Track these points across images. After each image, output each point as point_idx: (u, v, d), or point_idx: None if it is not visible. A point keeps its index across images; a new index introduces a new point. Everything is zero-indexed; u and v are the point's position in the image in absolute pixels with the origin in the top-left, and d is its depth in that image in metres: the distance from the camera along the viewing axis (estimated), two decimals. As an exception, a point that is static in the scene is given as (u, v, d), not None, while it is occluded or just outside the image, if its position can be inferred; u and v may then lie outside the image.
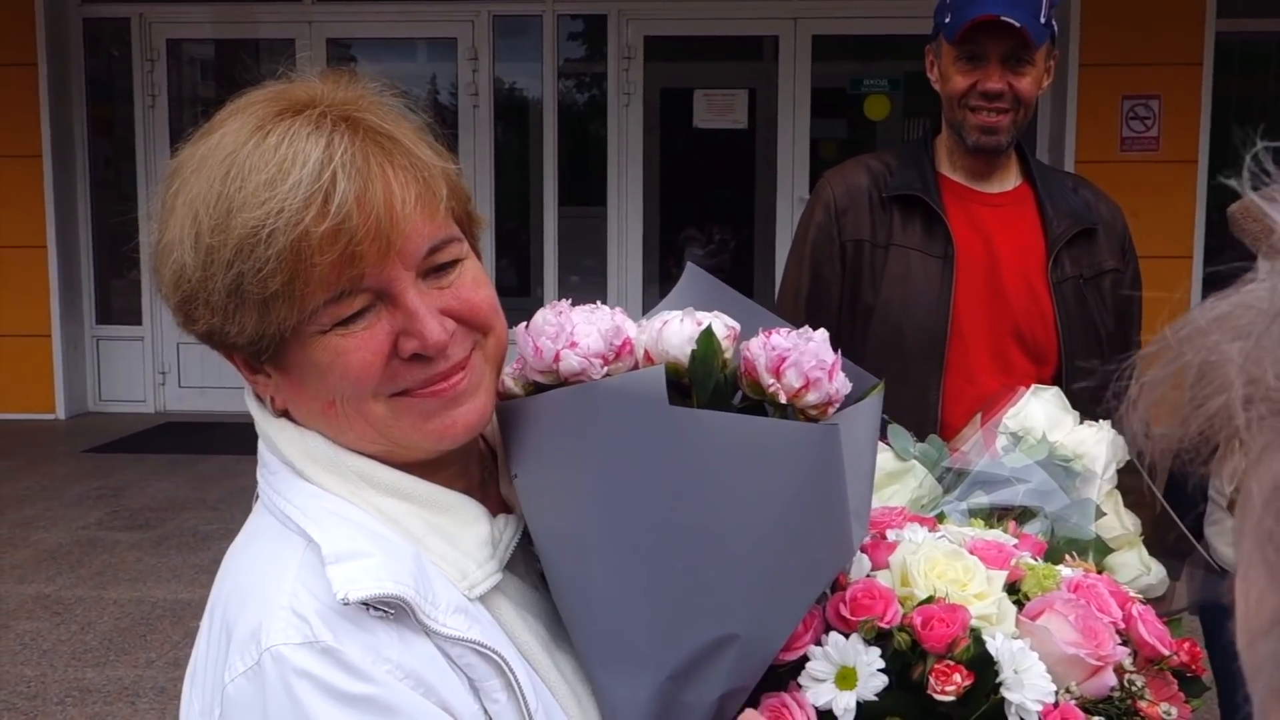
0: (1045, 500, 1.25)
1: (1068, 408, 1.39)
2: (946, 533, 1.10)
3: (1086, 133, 7.85)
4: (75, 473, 6.99)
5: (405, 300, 0.93)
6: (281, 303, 0.90)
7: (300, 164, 0.89)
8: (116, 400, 8.75)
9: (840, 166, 2.43)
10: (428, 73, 9.03)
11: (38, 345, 8.45)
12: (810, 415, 0.99)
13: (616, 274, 8.66)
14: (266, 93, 0.97)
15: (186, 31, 8.84)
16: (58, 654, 4.35)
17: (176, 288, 0.95)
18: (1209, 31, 7.79)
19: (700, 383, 0.98)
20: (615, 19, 8.48)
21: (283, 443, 0.99)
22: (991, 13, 2.15)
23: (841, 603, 0.97)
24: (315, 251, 0.89)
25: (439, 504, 0.98)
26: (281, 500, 0.97)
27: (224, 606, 0.94)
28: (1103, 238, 2.34)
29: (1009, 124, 2.23)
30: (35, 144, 8.28)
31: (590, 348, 0.97)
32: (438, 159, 0.98)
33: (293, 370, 0.96)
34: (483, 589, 0.96)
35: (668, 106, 8.76)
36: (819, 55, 8.48)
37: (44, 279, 8.39)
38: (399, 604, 0.89)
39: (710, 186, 9.26)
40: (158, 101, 8.66)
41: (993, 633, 0.96)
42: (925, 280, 2.26)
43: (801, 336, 0.98)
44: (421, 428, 0.97)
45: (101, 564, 5.35)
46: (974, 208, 2.32)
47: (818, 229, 2.34)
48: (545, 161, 8.59)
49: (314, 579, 0.90)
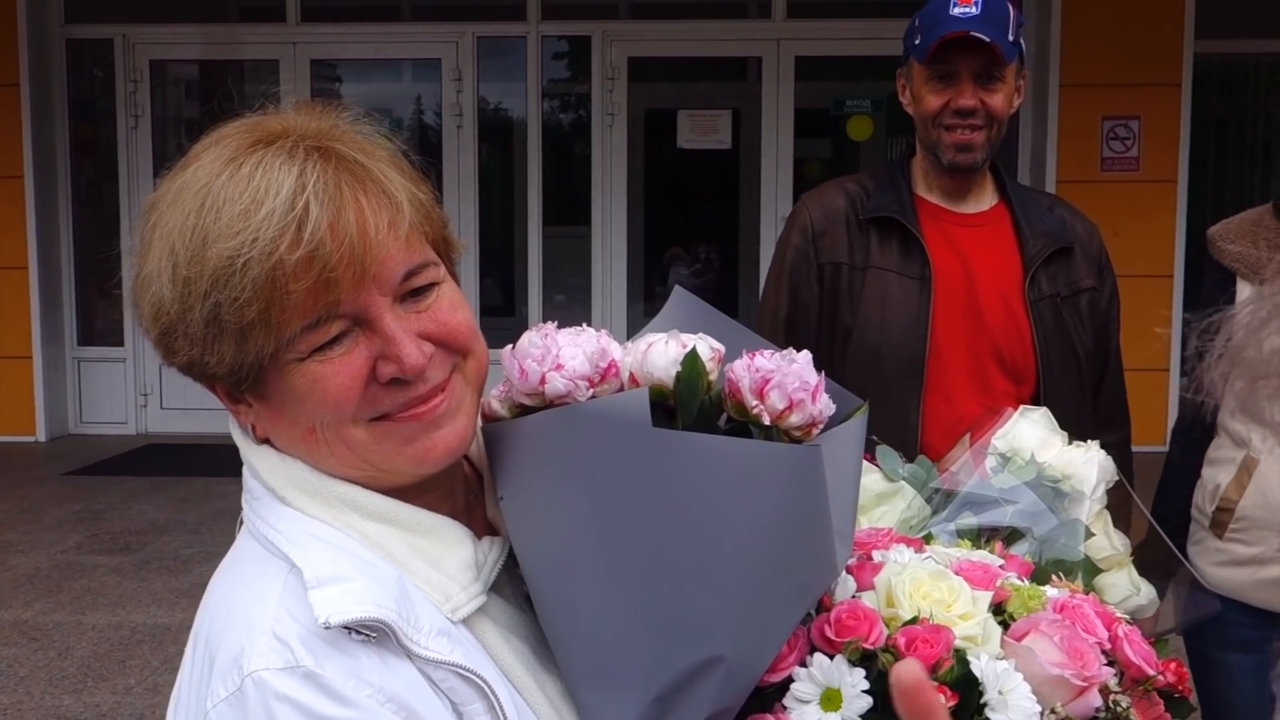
0: (1034, 521, 1.25)
1: (1056, 428, 1.39)
2: (933, 553, 1.10)
3: (1067, 153, 7.91)
4: (55, 495, 6.94)
5: (382, 325, 0.94)
6: (258, 331, 0.91)
7: (274, 193, 0.90)
8: (98, 422, 8.70)
9: (817, 189, 2.43)
10: (412, 93, 9.04)
11: (18, 367, 8.39)
12: (794, 436, 0.99)
13: (601, 293, 8.66)
14: (240, 125, 0.98)
15: (170, 52, 8.83)
16: (34, 680, 4.30)
17: (156, 320, 0.95)
18: (1188, 52, 7.87)
19: (685, 405, 0.99)
20: (599, 40, 8.51)
21: (265, 469, 0.99)
22: (961, 29, 2.17)
23: (826, 624, 0.98)
24: (290, 279, 0.89)
25: (422, 527, 0.98)
26: (265, 525, 0.98)
27: (207, 631, 0.94)
28: (1080, 256, 2.35)
29: (983, 141, 2.25)
30: (17, 164, 8.26)
31: (576, 370, 0.98)
32: (411, 185, 0.98)
33: (272, 398, 0.96)
34: (466, 611, 0.96)
35: (652, 127, 8.79)
36: (802, 76, 8.53)
37: (25, 300, 8.35)
38: (381, 627, 0.89)
39: (694, 206, 9.29)
40: (140, 122, 8.64)
41: (977, 653, 0.95)
42: (903, 302, 2.26)
43: (785, 359, 0.99)
44: (402, 451, 0.97)
45: (81, 588, 5.30)
46: (950, 228, 2.33)
47: (795, 252, 2.35)
48: (529, 181, 8.60)
49: (296, 603, 0.90)
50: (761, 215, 8.60)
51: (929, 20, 2.25)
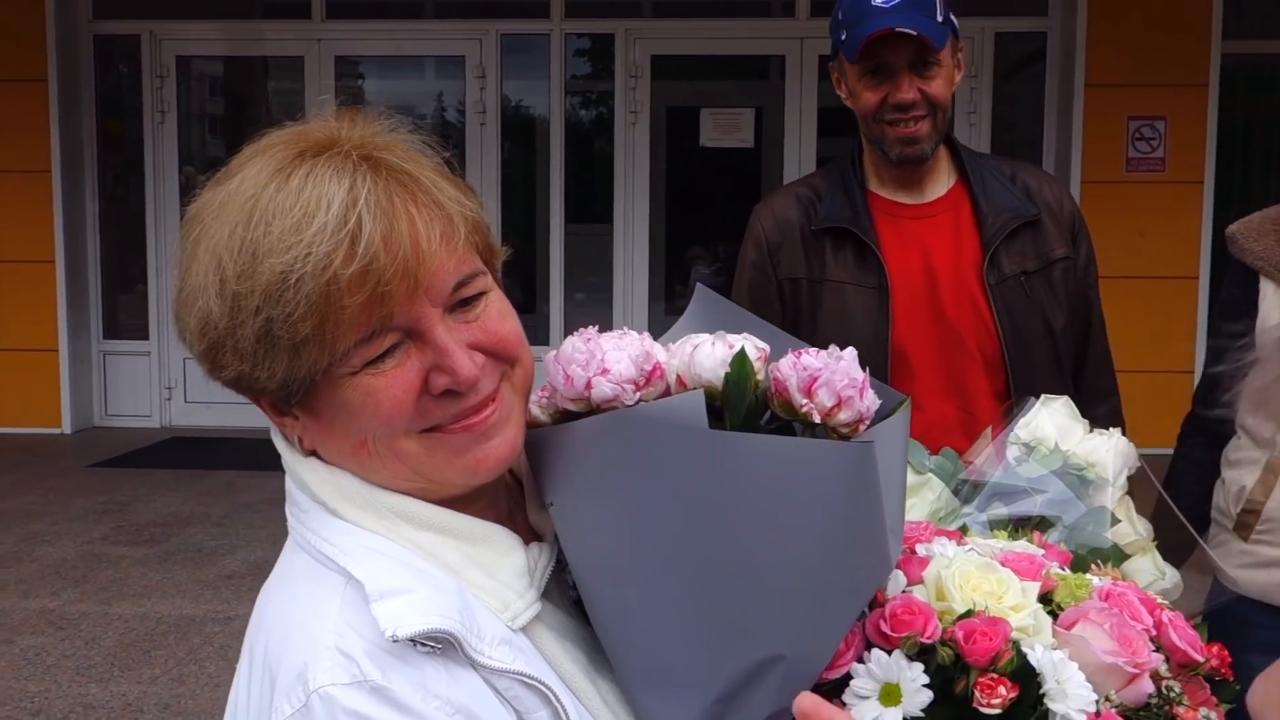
0: (1063, 510, 1.26)
1: (1078, 416, 1.40)
2: (975, 545, 1.10)
3: (1092, 153, 7.87)
4: (81, 487, 7.00)
5: (434, 337, 0.94)
6: (312, 346, 0.90)
7: (325, 206, 0.89)
8: (123, 415, 8.77)
9: (769, 199, 2.33)
10: (435, 90, 9.07)
11: (45, 360, 8.47)
12: (842, 433, 1.00)
13: (622, 291, 8.67)
14: (284, 134, 0.97)
15: (196, 49, 8.89)
16: (62, 669, 4.35)
17: (203, 335, 0.94)
18: (1215, 53, 7.82)
19: (734, 405, 0.99)
20: (622, 38, 8.52)
21: (314, 482, 0.99)
22: (886, 25, 2.06)
23: (881, 619, 0.98)
24: (344, 294, 0.89)
25: (475, 536, 0.98)
26: (316, 539, 0.97)
27: (265, 647, 0.94)
28: (1049, 225, 2.22)
29: (929, 130, 2.14)
30: (45, 159, 8.33)
31: (622, 374, 0.98)
32: (459, 195, 0.99)
33: (322, 411, 0.96)
34: (525, 619, 0.97)
35: (674, 125, 8.79)
36: (825, 74, 8.49)
37: (52, 293, 8.42)
38: (446, 638, 0.89)
39: (716, 204, 9.28)
40: (167, 118, 8.70)
41: (1032, 644, 0.96)
42: (861, 313, 2.17)
43: (832, 356, 1.00)
44: (454, 463, 0.97)
45: (106, 579, 5.35)
46: (906, 224, 2.22)
47: (753, 268, 2.26)
48: (552, 179, 8.62)
49: (358, 617, 0.90)
50: (783, 214, 8.59)
51: (852, 14, 2.13)
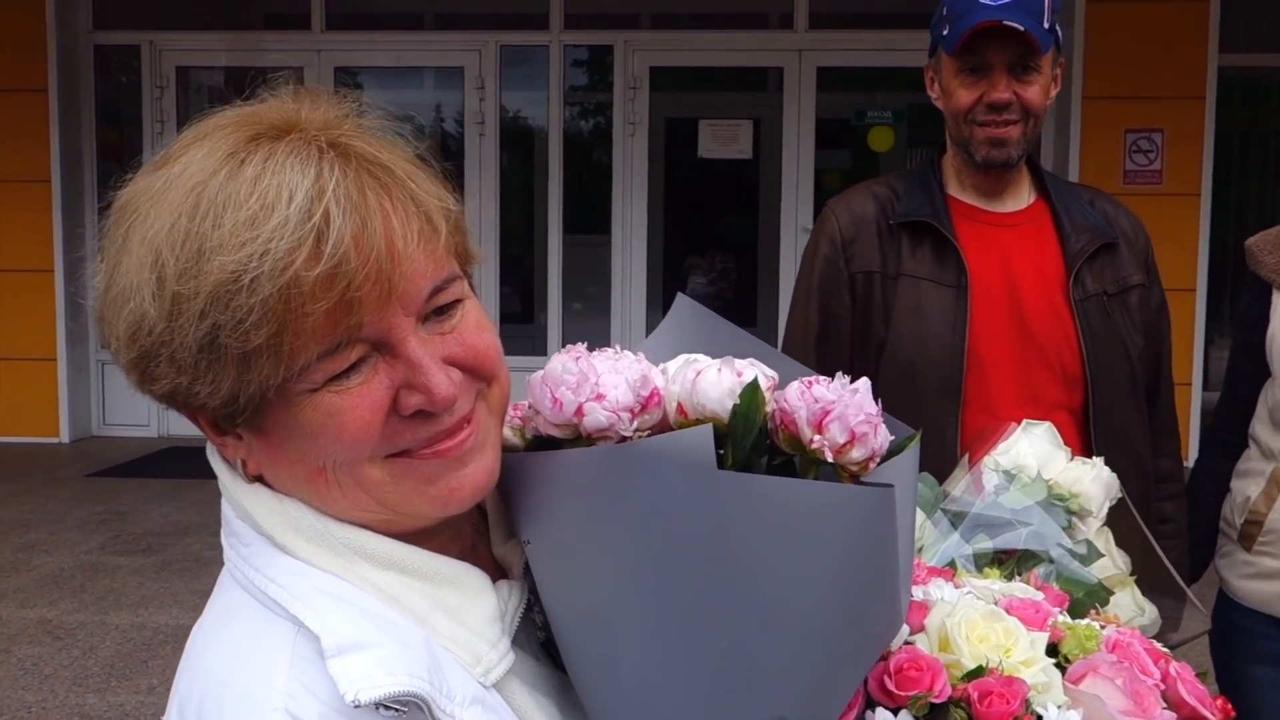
0: (1048, 543, 1.19)
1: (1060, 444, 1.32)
2: (973, 588, 1.05)
3: (1089, 165, 7.89)
4: (78, 497, 6.99)
5: (407, 350, 0.82)
6: (266, 358, 0.78)
7: (287, 198, 0.77)
8: (120, 424, 8.76)
9: (844, 194, 2.28)
10: (434, 101, 9.09)
11: (43, 369, 8.47)
12: (852, 472, 0.90)
13: (620, 302, 8.68)
14: (235, 114, 0.85)
15: (196, 59, 8.92)
16: (59, 679, 4.34)
17: (133, 342, 0.82)
18: (1211, 65, 7.84)
19: (738, 440, 0.88)
20: (621, 49, 8.55)
21: (259, 512, 0.86)
22: (993, 19, 2.02)
23: (886, 674, 0.90)
24: (307, 299, 0.77)
25: (441, 576, 0.87)
26: (260, 578, 0.84)
27: (198, 703, 0.80)
28: (1125, 252, 2.21)
29: (1018, 136, 2.11)
30: (45, 168, 8.34)
31: (619, 401, 0.86)
32: (438, 190, 0.87)
33: (273, 432, 0.83)
34: (498, 673, 0.86)
35: (673, 136, 8.81)
36: (823, 86, 8.54)
37: (50, 302, 8.42)
38: (413, 702, 0.78)
39: (714, 216, 9.30)
40: (166, 128, 8.71)
41: (1044, 703, 0.90)
42: (938, 311, 2.12)
43: (845, 388, 0.90)
44: (424, 492, 0.85)
45: (104, 589, 5.34)
46: (987, 229, 2.19)
47: (824, 262, 2.21)
48: (550, 189, 8.63)
49: (311, 674, 0.78)
50: (782, 225, 8.61)
51: (958, 8, 2.09)
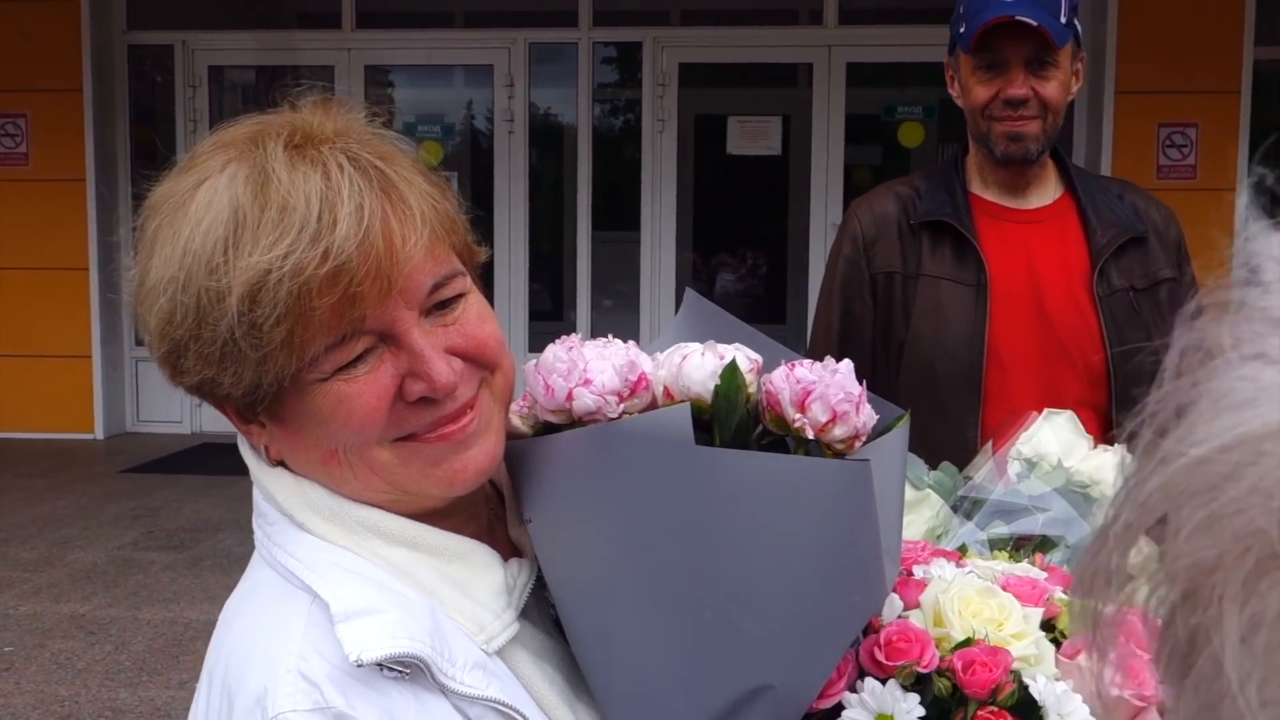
0: (1066, 529, 1.21)
1: (1081, 432, 1.35)
2: (975, 568, 1.07)
3: (1123, 160, 7.80)
4: (112, 492, 7.07)
5: (409, 341, 0.89)
6: (281, 351, 0.85)
7: (303, 204, 0.85)
8: (154, 421, 8.85)
9: (867, 195, 2.31)
10: (464, 99, 9.13)
11: (78, 366, 8.56)
12: (837, 450, 0.95)
13: (649, 299, 8.68)
14: (253, 123, 0.93)
15: (228, 58, 8.99)
16: (91, 674, 4.39)
17: (163, 336, 0.89)
18: (1247, 59, 7.74)
19: (723, 419, 0.94)
20: (650, 46, 8.53)
21: (280, 493, 0.94)
22: (1006, 14, 2.03)
23: (876, 646, 0.94)
24: (315, 295, 0.84)
25: (450, 552, 0.94)
26: (282, 553, 0.93)
27: (224, 668, 0.89)
28: (1155, 246, 2.19)
29: (1037, 131, 2.11)
30: (80, 167, 8.43)
31: (605, 385, 0.93)
32: (435, 191, 0.94)
33: (289, 419, 0.91)
34: (501, 641, 0.92)
35: (702, 132, 8.80)
36: (853, 82, 8.50)
37: (85, 301, 8.52)
38: (415, 663, 0.85)
39: (743, 212, 9.28)
40: (199, 127, 8.78)
41: (1034, 675, 0.93)
42: (958, 311, 2.14)
43: (827, 369, 0.95)
44: (430, 474, 0.92)
45: (136, 584, 5.40)
46: (1009, 227, 2.19)
47: (846, 262, 2.24)
48: (579, 186, 8.64)
49: (322, 639, 0.86)
50: (811, 222, 8.57)
51: (974, 5, 2.11)
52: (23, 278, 8.53)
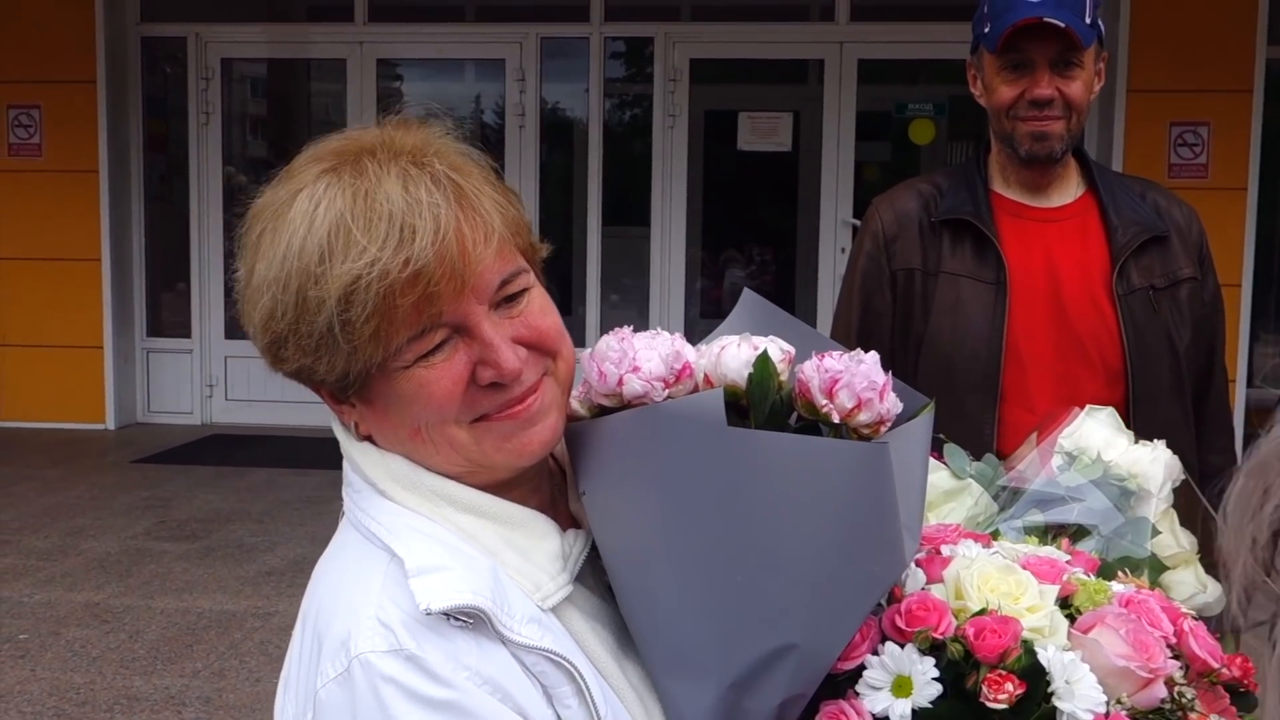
0: (1100, 519, 1.27)
1: (1122, 428, 1.40)
2: (1000, 549, 1.13)
3: (1134, 159, 7.80)
4: (124, 483, 7.11)
5: (481, 332, 1.01)
6: (369, 344, 0.97)
7: (387, 214, 0.96)
8: (165, 411, 8.90)
9: (889, 192, 2.32)
10: (475, 93, 9.15)
11: (90, 356, 8.61)
12: (863, 434, 1.04)
13: (659, 294, 8.70)
14: (342, 139, 1.05)
15: (240, 51, 9.02)
16: (106, 662, 4.43)
17: (266, 329, 1.01)
18: (1259, 58, 7.73)
19: (757, 404, 1.04)
20: (661, 41, 8.55)
21: (367, 465, 1.06)
22: (1034, 15, 2.04)
23: (897, 614, 1.02)
24: (399, 295, 0.96)
25: (513, 520, 1.05)
26: (366, 518, 1.04)
27: (315, 615, 1.02)
28: (1177, 245, 2.20)
29: (1061, 130, 2.12)
30: (93, 159, 8.47)
31: (652, 372, 1.03)
32: (503, 199, 1.05)
33: (377, 401, 1.03)
34: (554, 600, 1.03)
35: (712, 128, 8.80)
36: (864, 79, 8.50)
37: (97, 291, 8.56)
38: (477, 614, 0.96)
39: (753, 208, 9.29)
40: (211, 119, 8.83)
41: (1044, 644, 0.99)
42: (976, 308, 2.15)
43: (853, 359, 1.04)
44: (501, 448, 1.04)
45: (149, 573, 5.44)
46: (1030, 225, 2.20)
47: (867, 259, 2.26)
48: (589, 181, 8.66)
49: (398, 590, 0.97)
50: (821, 219, 8.58)
51: (999, 6, 2.11)
52: (35, 268, 8.58)
